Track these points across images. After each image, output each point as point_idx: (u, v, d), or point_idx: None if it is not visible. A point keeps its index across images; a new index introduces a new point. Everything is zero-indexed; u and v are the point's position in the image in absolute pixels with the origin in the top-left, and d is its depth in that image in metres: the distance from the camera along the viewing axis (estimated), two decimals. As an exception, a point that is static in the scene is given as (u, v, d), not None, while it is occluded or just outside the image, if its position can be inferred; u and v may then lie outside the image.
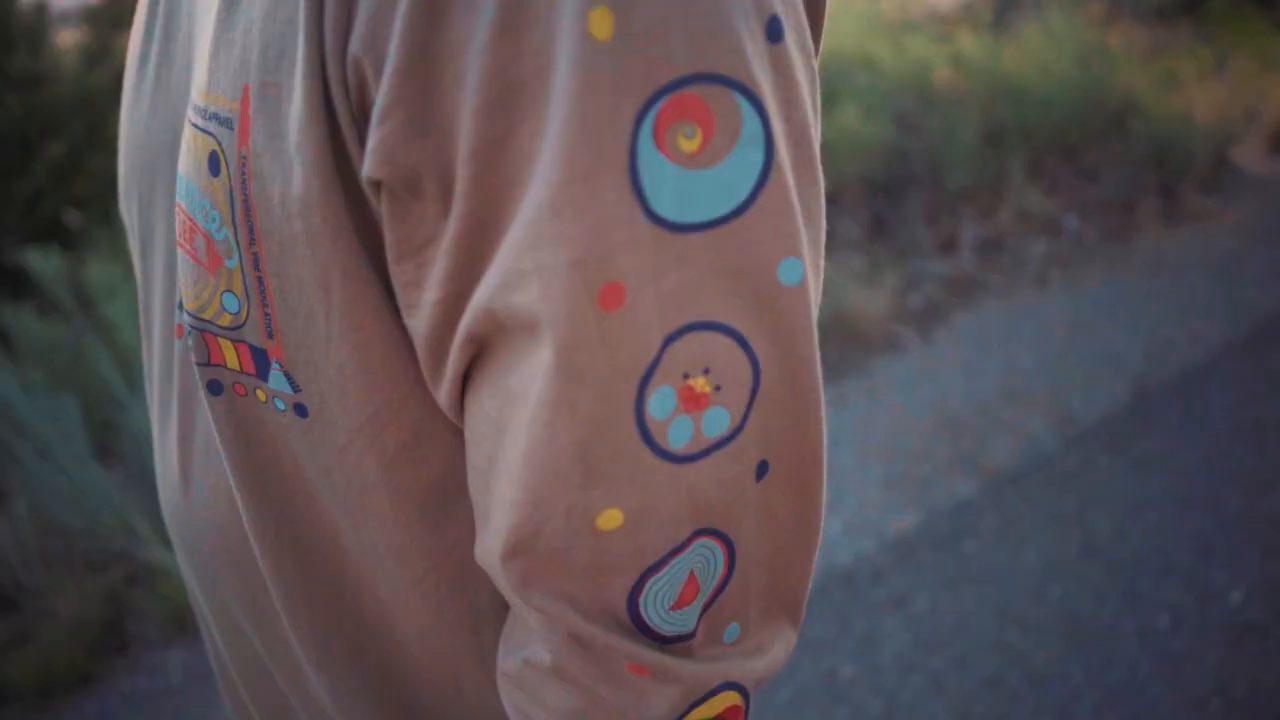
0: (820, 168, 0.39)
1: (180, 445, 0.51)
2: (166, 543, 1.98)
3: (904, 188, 3.10)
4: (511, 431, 0.38)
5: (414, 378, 0.42)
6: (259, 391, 0.44)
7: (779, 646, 0.45)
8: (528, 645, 0.43)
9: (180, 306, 0.46)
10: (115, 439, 2.19)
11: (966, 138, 3.07)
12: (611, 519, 0.39)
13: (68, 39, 3.26)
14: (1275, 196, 3.41)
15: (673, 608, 0.41)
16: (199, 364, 0.45)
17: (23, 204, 2.82)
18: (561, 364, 0.36)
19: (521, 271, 0.35)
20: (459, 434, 0.44)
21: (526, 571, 0.40)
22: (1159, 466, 2.14)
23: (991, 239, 3.03)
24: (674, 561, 0.40)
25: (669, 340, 0.36)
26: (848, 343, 2.60)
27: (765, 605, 0.44)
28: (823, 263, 0.42)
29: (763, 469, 0.40)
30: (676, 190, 0.34)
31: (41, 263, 2.31)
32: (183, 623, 1.92)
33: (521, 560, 0.40)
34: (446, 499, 0.45)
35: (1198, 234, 3.16)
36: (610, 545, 0.39)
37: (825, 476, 0.43)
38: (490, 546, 0.41)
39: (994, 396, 2.43)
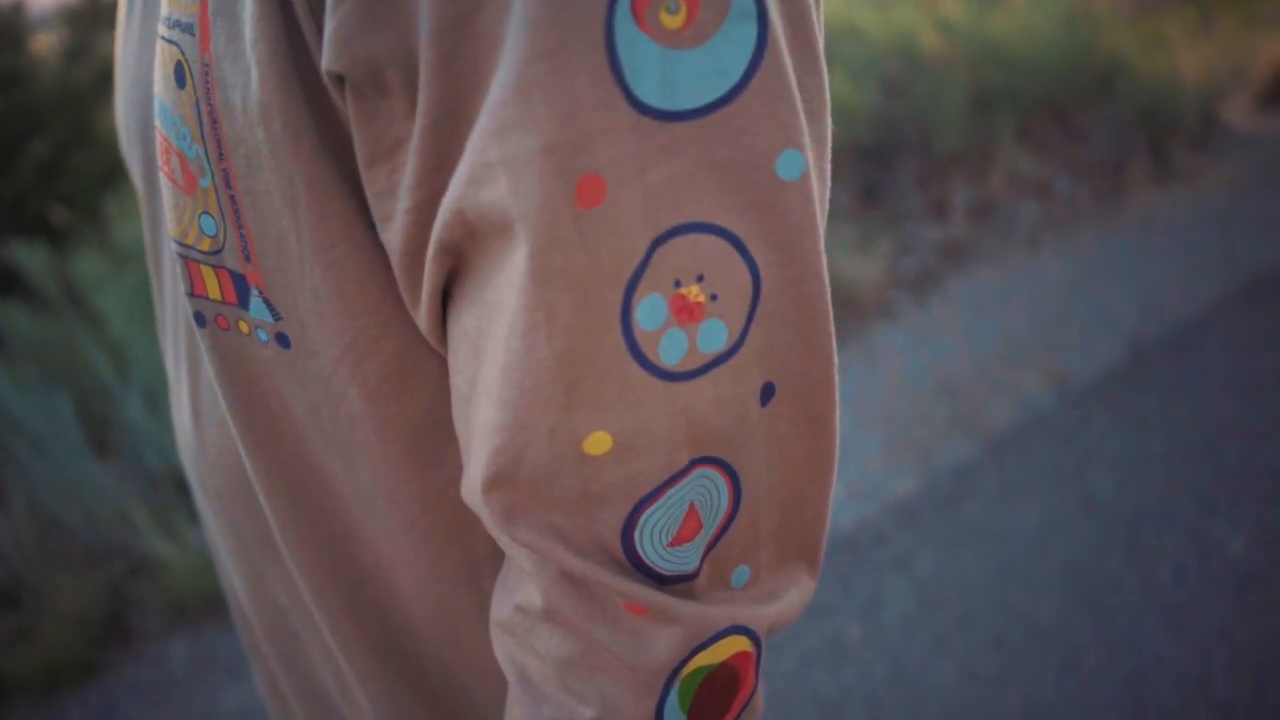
0: (823, 55, 0.36)
1: (190, 385, 0.50)
2: (165, 534, 1.97)
3: (894, 154, 3.09)
4: (490, 349, 0.35)
5: (393, 303, 0.39)
6: (241, 323, 0.42)
7: (795, 593, 0.42)
8: (520, 590, 0.41)
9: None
10: (110, 432, 2.18)
11: (955, 103, 3.06)
12: (599, 443, 0.36)
13: (44, 42, 3.24)
14: (1263, 152, 3.40)
15: (671, 544, 0.38)
16: (186, 294, 0.43)
17: (9, 203, 2.80)
18: (536, 266, 0.32)
19: (489, 164, 0.32)
20: (445, 366, 0.41)
21: (510, 504, 0.37)
22: (1157, 422, 2.14)
23: (983, 203, 3.02)
24: (670, 491, 0.37)
25: (657, 243, 0.33)
26: (843, 311, 2.59)
27: (779, 548, 0.41)
28: (829, 168, 0.39)
29: (768, 392, 0.37)
30: (661, 73, 0.31)
31: (29, 257, 2.30)
32: (183, 613, 1.92)
33: (504, 491, 0.37)
34: (437, 438, 0.43)
35: (1188, 192, 3.16)
36: (599, 472, 0.36)
37: (837, 403, 0.39)
38: (472, 478, 0.38)
39: (990, 359, 2.43)
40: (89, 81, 3.04)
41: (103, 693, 1.79)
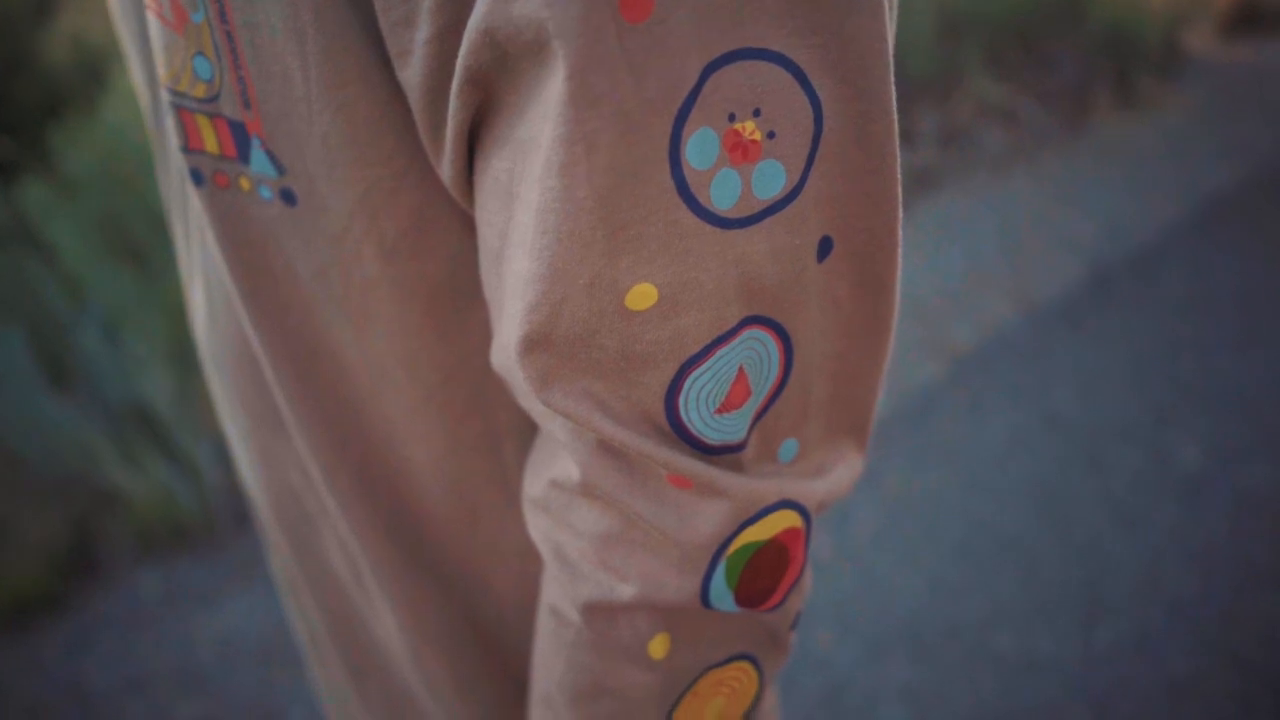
0: None
1: (200, 253, 0.47)
2: (129, 465, 1.94)
3: (861, 80, 3.07)
4: (523, 193, 0.32)
5: (410, 151, 0.36)
6: (242, 180, 0.39)
7: (843, 470, 0.39)
8: (555, 463, 0.38)
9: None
10: (67, 364, 2.13)
11: (922, 29, 3.03)
12: (644, 296, 0.32)
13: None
14: (1224, 81, 3.43)
15: (719, 410, 0.35)
16: (180, 149, 0.40)
17: (-55, 134, 2.68)
18: (575, 89, 0.28)
19: None
20: (467, 223, 0.38)
21: (547, 367, 0.33)
22: (1116, 340, 2.19)
23: (950, 129, 3.02)
24: (720, 352, 0.33)
25: (710, 69, 0.28)
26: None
27: (827, 420, 0.38)
28: None
29: (825, 247, 0.33)
30: None
31: (-29, 187, 2.21)
32: (151, 544, 1.90)
33: (540, 353, 0.33)
34: (457, 302, 0.40)
35: (1151, 119, 3.18)
36: (643, 330, 0.32)
37: (900, 265, 0.35)
38: (506, 341, 0.34)
39: (957, 282, 2.46)
40: (26, 7, 2.90)
41: (75, 625, 1.78)
